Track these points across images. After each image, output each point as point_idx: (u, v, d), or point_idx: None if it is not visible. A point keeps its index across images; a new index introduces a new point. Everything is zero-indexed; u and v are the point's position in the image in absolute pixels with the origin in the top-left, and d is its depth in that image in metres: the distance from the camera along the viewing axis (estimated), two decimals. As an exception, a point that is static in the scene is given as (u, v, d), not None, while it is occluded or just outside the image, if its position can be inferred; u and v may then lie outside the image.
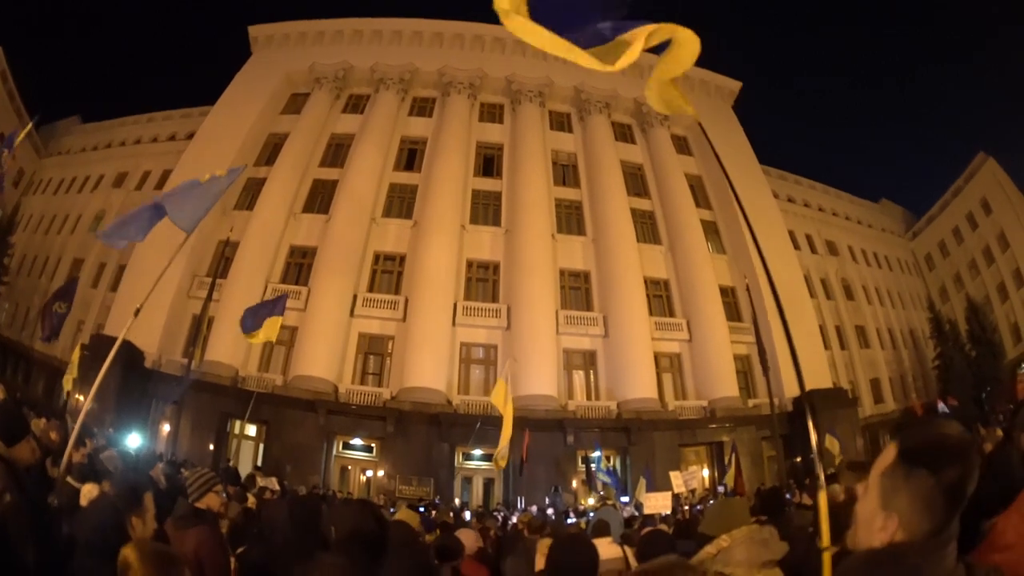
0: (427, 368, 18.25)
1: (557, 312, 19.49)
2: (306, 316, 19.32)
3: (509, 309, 19.43)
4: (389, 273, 20.46)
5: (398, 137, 23.20)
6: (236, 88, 25.48)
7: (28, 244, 29.69)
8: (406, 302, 19.40)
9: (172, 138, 30.10)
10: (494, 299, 19.99)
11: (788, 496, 10.21)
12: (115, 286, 24.67)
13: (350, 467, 19.04)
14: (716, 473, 19.59)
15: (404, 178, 22.16)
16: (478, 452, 18.52)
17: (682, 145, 24.85)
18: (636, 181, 23.25)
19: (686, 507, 12.21)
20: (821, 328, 25.18)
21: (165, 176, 25.23)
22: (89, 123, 34.30)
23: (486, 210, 21.65)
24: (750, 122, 25.45)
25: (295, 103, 25.09)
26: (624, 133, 24.35)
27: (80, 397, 11.06)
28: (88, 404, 4.38)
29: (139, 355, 18.31)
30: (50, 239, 29.81)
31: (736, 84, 27.11)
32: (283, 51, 26.08)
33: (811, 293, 25.74)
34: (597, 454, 18.09)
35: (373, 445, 18.64)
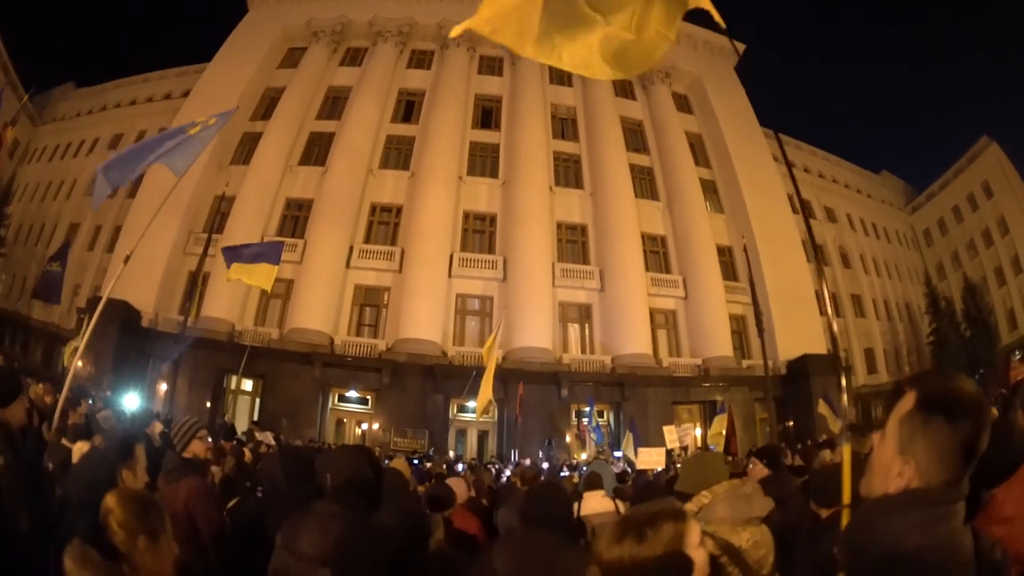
0: (423, 319, 18.25)
1: (553, 265, 19.45)
2: (302, 269, 19.26)
3: (505, 261, 19.38)
4: (385, 224, 20.37)
5: (396, 89, 22.92)
6: (233, 44, 25.07)
7: (24, 213, 29.51)
8: (402, 253, 19.32)
9: (168, 97, 29.70)
10: (490, 250, 19.94)
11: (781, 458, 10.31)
12: (111, 247, 24.55)
13: (345, 420, 19.15)
14: (708, 430, 19.79)
15: (402, 130, 21.92)
16: (472, 404, 18.60)
17: (683, 103, 24.59)
18: (635, 137, 23.07)
19: (678, 464, 12.21)
20: (816, 294, 25.17)
21: (162, 134, 24.90)
22: (84, 88, 33.76)
23: (483, 162, 21.47)
24: (753, 85, 25.15)
25: (292, 57, 24.72)
26: (624, 89, 24.03)
27: (80, 363, 10.93)
28: (76, 360, 4.27)
29: (136, 315, 18.31)
30: (46, 206, 29.59)
31: (740, 46, 26.70)
32: (280, 6, 25.58)
33: (807, 258, 25.68)
34: (589, 408, 18.21)
35: (368, 397, 18.72)
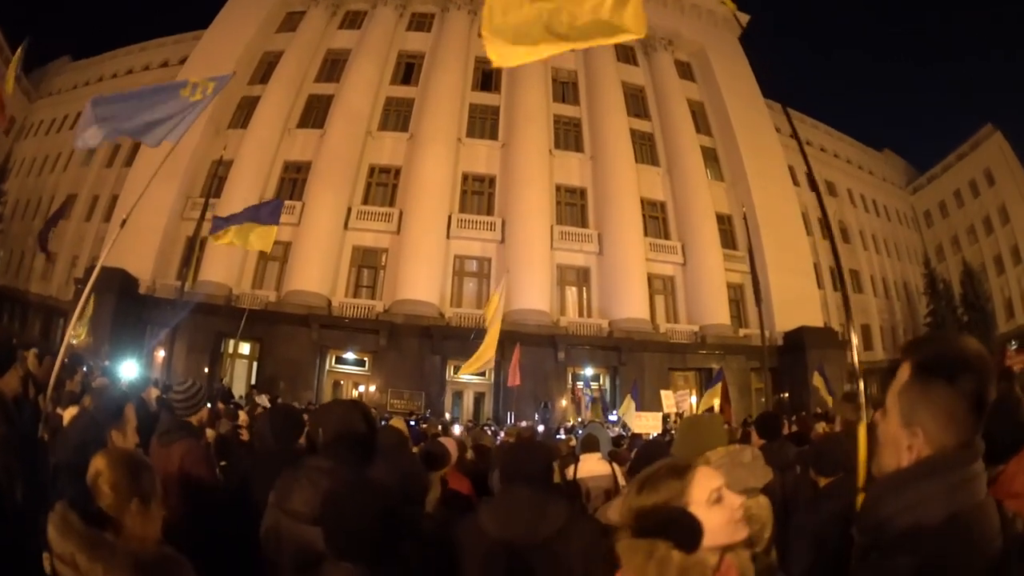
0: (420, 281, 18.23)
1: (552, 227, 19.41)
2: (300, 231, 19.17)
3: (504, 223, 19.32)
4: (384, 186, 20.27)
5: (395, 52, 22.66)
6: (230, 9, 24.64)
7: (21, 188, 29.29)
8: (400, 215, 19.24)
9: (165, 64, 29.32)
10: (489, 212, 19.88)
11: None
12: (108, 216, 24.42)
13: (343, 382, 19.20)
14: (702, 400, 19.86)
15: (401, 92, 21.71)
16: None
17: (685, 71, 24.36)
18: (636, 102, 22.87)
19: (673, 431, 12.22)
20: (816, 266, 25.18)
21: (159, 101, 24.60)
22: (80, 60, 33.27)
23: (483, 124, 21.32)
24: (757, 57, 24.88)
25: (290, 21, 24.34)
26: (627, 55, 23.75)
27: (76, 333, 10.76)
28: (71, 329, 4.17)
29: (133, 282, 18.28)
30: (43, 179, 29.34)
31: (744, 16, 26.35)
32: (279, -31, 25.15)
33: (807, 231, 25.65)
34: (585, 372, 18.32)
35: (365, 359, 18.75)
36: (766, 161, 23.09)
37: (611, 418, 15.93)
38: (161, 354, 17.11)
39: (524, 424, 14.38)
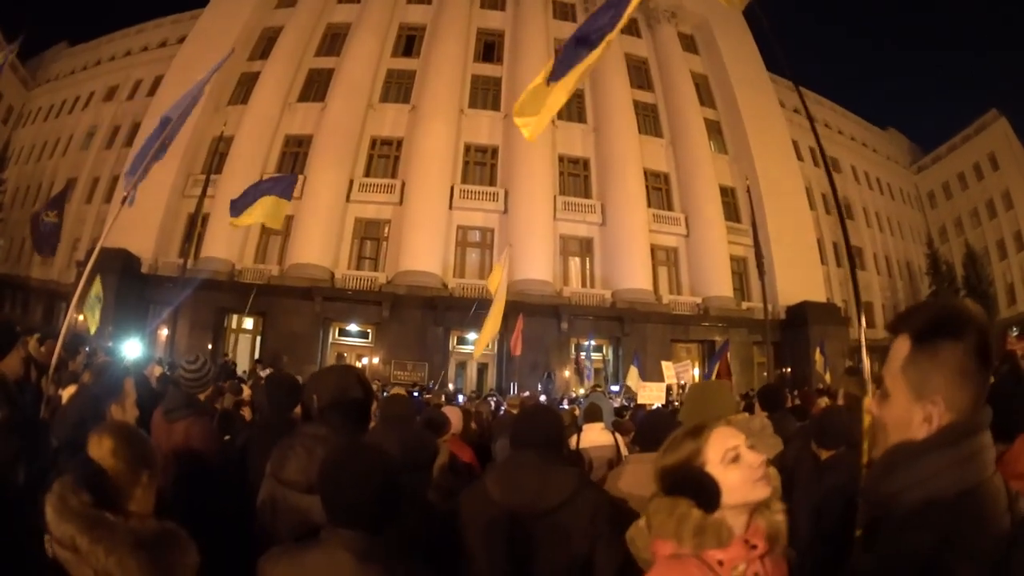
0: (423, 252, 18.20)
1: (555, 197, 19.34)
2: (302, 204, 19.08)
3: (506, 193, 19.25)
4: (386, 158, 20.18)
5: (396, 24, 22.44)
6: (229, -14, 24.43)
7: (20, 176, 29.14)
8: (403, 186, 19.17)
9: (163, 44, 29.01)
10: (492, 183, 19.80)
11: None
12: (109, 197, 24.36)
13: (346, 354, 19.19)
14: (707, 372, 19.86)
15: (402, 64, 21.56)
16: (473, 336, 18.63)
17: (688, 43, 24.13)
18: (640, 74, 22.69)
19: (677, 403, 12.20)
20: (819, 242, 25.12)
21: (157, 82, 24.42)
22: (77, 45, 32.98)
23: (485, 95, 21.17)
24: (762, 30, 24.61)
25: (290, -5, 24.13)
26: (629, 27, 23.48)
27: (80, 317, 10.73)
28: (72, 309, 4.11)
29: (135, 261, 18.30)
30: (42, 165, 29.19)
31: (747, -11, 26.07)
32: (277, -56, 24.88)
33: (811, 206, 25.54)
34: (588, 343, 18.25)
35: (369, 331, 18.76)
36: (770, 135, 22.95)
37: (613, 388, 15.97)
38: (164, 332, 17.17)
39: (527, 394, 14.41)
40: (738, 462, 1.11)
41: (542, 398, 14.55)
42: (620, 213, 19.22)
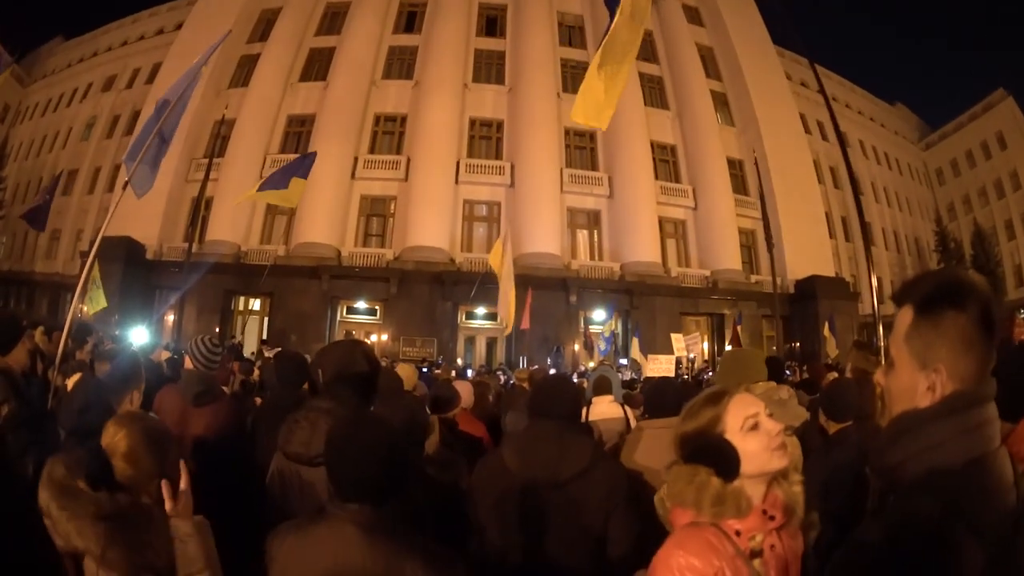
0: (430, 227, 18.12)
1: (562, 170, 19.21)
2: (307, 183, 18.93)
3: (513, 167, 19.13)
4: (390, 134, 20.07)
5: (396, 0, 22.24)
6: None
7: (20, 172, 29.07)
8: (408, 162, 19.07)
9: (160, 32, 28.82)
10: (498, 157, 19.67)
11: (788, 373, 10.17)
12: (111, 187, 24.29)
13: (354, 331, 19.13)
14: (716, 345, 19.77)
15: (404, 40, 21.38)
16: (481, 311, 18.63)
17: (693, 16, 23.82)
18: (645, 46, 21.96)
19: (685, 376, 12.11)
20: (827, 216, 24.90)
21: (155, 69, 24.30)
22: (73, 39, 32.84)
23: (489, 69, 20.98)
24: (767, 2, 24.24)
25: (289, -24, 23.90)
26: (633, -2, 23.26)
27: (84, 308, 10.70)
28: (77, 299, 4.06)
29: (140, 248, 18.31)
30: (42, 159, 29.09)
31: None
32: (272, -76, 24.62)
33: (819, 180, 25.29)
34: (607, 317, 18.09)
35: (377, 308, 18.71)
36: (777, 108, 22.72)
37: (622, 361, 15.88)
38: (171, 318, 17.16)
39: (536, 367, 14.34)
40: (757, 430, 1.10)
41: (551, 372, 14.51)
42: (627, 185, 19.07)
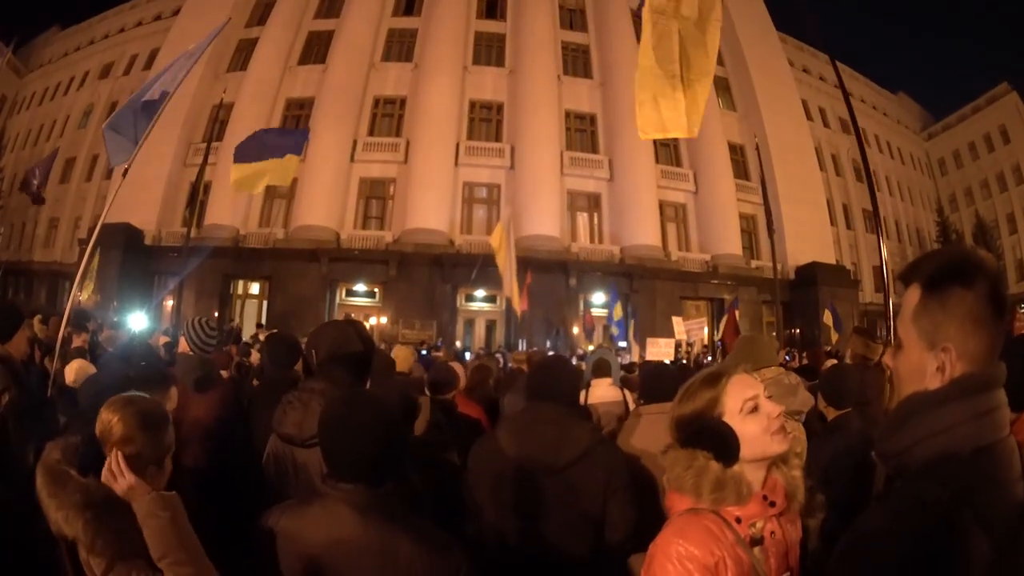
0: (429, 209, 18.06)
1: (562, 153, 19.11)
2: (305, 166, 18.74)
3: (513, 149, 19.04)
4: (390, 116, 19.96)
5: (397, -18, 22.15)
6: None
7: (17, 162, 28.92)
8: (407, 144, 18.98)
9: (158, 18, 28.64)
10: (497, 139, 19.57)
11: (788, 359, 10.13)
12: (109, 174, 24.16)
13: (353, 314, 19.08)
14: (715, 331, 19.72)
15: (403, 22, 21.23)
16: (480, 293, 18.59)
17: None
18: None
19: (684, 360, 12.05)
20: (828, 203, 24.83)
21: (153, 55, 24.22)
22: (69, 28, 32.67)
23: (489, 51, 20.84)
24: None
25: (287, -40, 23.73)
26: (633, -18, 23.13)
27: (83, 294, 10.66)
28: (76, 287, 4.03)
29: (138, 235, 18.26)
30: (39, 148, 28.89)
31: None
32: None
33: (820, 166, 25.20)
34: (611, 300, 17.99)
35: (376, 290, 18.68)
36: (779, 93, 22.61)
37: (621, 344, 15.81)
38: (170, 303, 17.13)
39: (535, 349, 14.30)
40: (757, 412, 1.08)
41: (550, 354, 14.41)
42: (628, 168, 18.96)
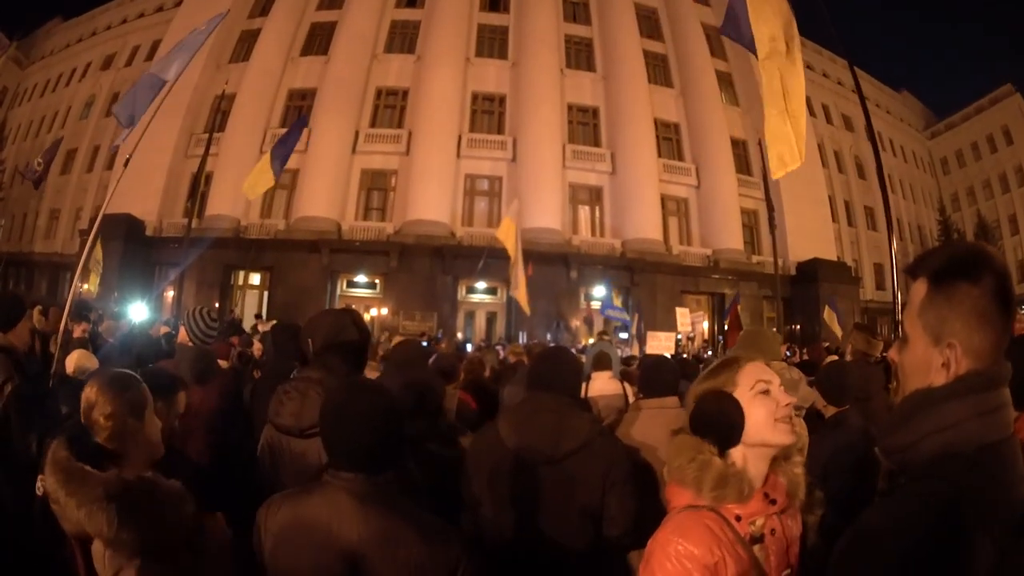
0: (431, 200, 18.05)
1: (564, 146, 19.10)
2: (307, 157, 18.93)
3: (515, 141, 19.02)
4: (392, 108, 19.93)
5: (400, -26, 22.09)
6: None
7: (19, 153, 28.95)
8: (409, 135, 18.97)
9: (160, 9, 28.60)
10: (500, 131, 19.55)
11: (789, 354, 10.11)
12: (110, 165, 24.17)
13: (354, 305, 19.13)
14: (716, 325, 19.72)
15: (406, 14, 21.18)
16: (481, 286, 18.61)
17: (698, -6, 23.61)
18: (649, 24, 22.18)
19: (685, 355, 12.03)
20: (830, 200, 24.81)
21: (155, 47, 24.16)
22: (71, 20, 32.59)
23: (492, 44, 20.80)
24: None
25: (290, -49, 23.68)
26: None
27: (85, 287, 10.68)
28: (78, 278, 4.05)
29: (139, 225, 18.26)
30: (40, 140, 28.84)
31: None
32: None
33: (823, 163, 25.16)
34: (606, 293, 17.99)
35: (377, 281, 18.69)
36: (782, 88, 22.44)
37: (623, 336, 15.80)
38: (170, 293, 17.14)
39: (535, 341, 14.30)
40: (766, 396, 1.09)
41: (551, 345, 14.39)
42: (630, 162, 18.96)
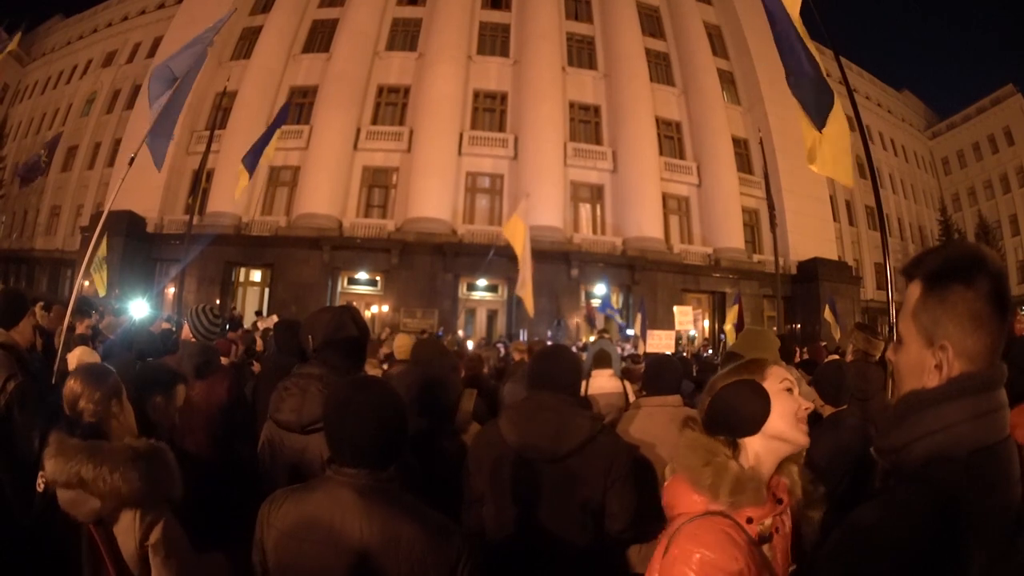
0: (432, 198, 18.04)
1: (565, 144, 19.07)
2: (308, 154, 18.99)
3: (516, 139, 19.01)
4: (393, 105, 19.92)
5: (401, -28, 22.07)
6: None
7: (19, 150, 28.92)
8: (411, 133, 18.96)
9: (161, 6, 28.58)
10: (501, 129, 19.52)
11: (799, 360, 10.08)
12: (112, 162, 24.21)
13: (355, 303, 19.14)
14: (716, 324, 19.73)
15: (408, 12, 21.16)
16: (482, 283, 18.60)
17: (701, -8, 23.59)
18: (651, 22, 22.17)
19: (685, 353, 12.03)
20: (831, 199, 24.78)
21: (156, 43, 24.19)
22: (72, 16, 32.61)
23: (493, 41, 20.79)
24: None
25: (292, -52, 23.67)
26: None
27: (87, 283, 10.74)
28: (81, 275, 4.06)
29: (140, 222, 18.26)
30: (42, 137, 28.75)
31: (761, -61, 25.37)
32: None
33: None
34: (604, 291, 18.03)
35: (378, 279, 18.68)
36: (783, 88, 22.00)
37: (628, 332, 15.79)
38: (171, 290, 17.14)
39: (536, 339, 14.29)
40: (790, 393, 1.09)
41: (551, 343, 14.36)
42: (631, 160, 18.95)
